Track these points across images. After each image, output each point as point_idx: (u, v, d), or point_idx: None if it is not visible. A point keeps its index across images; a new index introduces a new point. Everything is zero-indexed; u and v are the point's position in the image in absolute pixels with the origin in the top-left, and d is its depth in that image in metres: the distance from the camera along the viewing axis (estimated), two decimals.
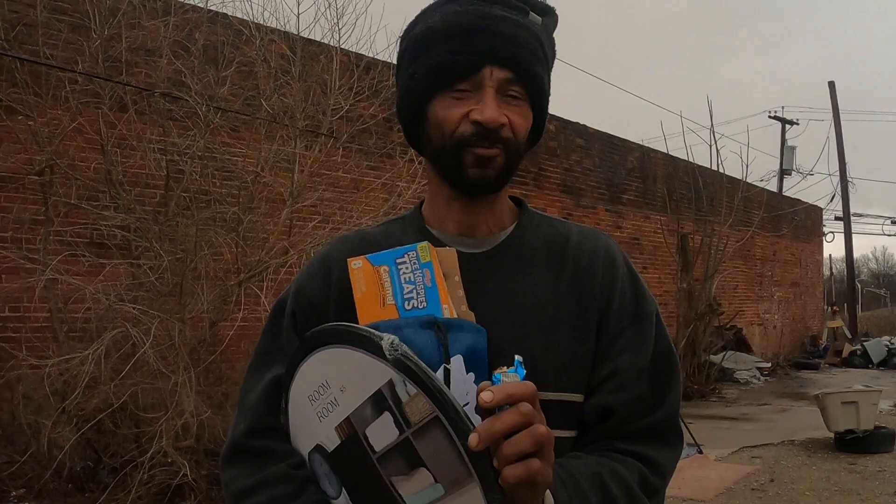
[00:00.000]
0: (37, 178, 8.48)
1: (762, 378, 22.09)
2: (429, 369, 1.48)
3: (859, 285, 46.50)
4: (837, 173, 35.68)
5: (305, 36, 9.82)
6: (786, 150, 39.78)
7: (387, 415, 1.51)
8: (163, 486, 7.44)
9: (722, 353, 20.71)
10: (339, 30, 9.81)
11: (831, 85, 35.54)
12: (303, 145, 9.09)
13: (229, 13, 9.74)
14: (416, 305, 1.73)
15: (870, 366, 26.32)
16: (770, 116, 40.05)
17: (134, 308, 7.64)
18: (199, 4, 9.36)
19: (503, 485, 1.43)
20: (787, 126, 40.34)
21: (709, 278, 19.81)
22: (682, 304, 19.80)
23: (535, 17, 1.86)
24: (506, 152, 1.80)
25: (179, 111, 8.69)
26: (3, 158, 8.40)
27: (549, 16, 1.92)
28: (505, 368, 1.47)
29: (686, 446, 11.44)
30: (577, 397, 1.84)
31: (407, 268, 1.76)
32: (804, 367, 26.06)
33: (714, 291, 20.43)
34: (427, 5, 1.92)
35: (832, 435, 12.28)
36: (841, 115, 35.18)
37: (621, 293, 1.91)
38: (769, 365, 23.73)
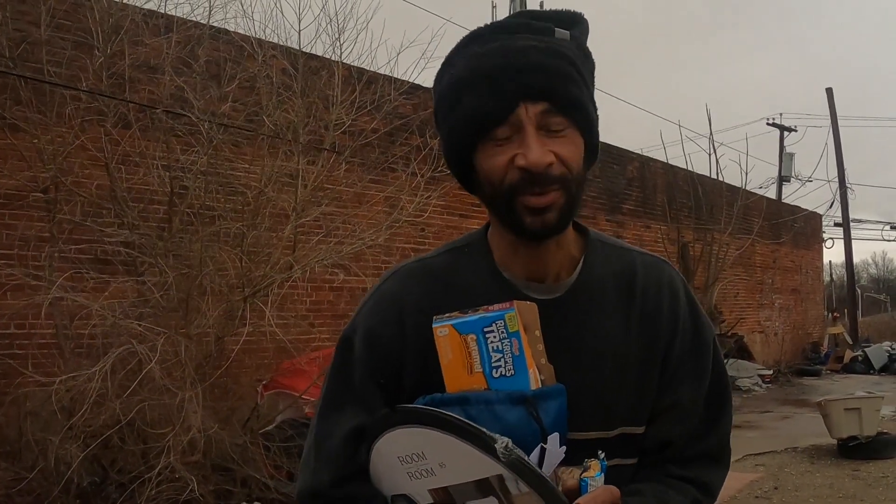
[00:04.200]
0: (41, 195, 8.51)
1: (764, 385, 22.08)
2: (543, 475, 1.58)
3: (859, 291, 46.44)
4: (836, 179, 35.70)
5: (307, 51, 9.84)
6: (784, 157, 39.78)
7: (492, 499, 1.61)
8: (170, 502, 7.44)
9: (723, 361, 20.69)
10: (340, 45, 9.85)
11: (829, 91, 35.56)
12: (305, 160, 9.11)
13: (231, 29, 9.77)
14: (503, 373, 1.71)
15: (871, 371, 26.28)
16: (768, 123, 40.08)
17: (139, 325, 7.65)
18: (201, 21, 9.39)
19: None
20: (786, 133, 40.34)
21: (709, 286, 19.83)
22: None
23: (563, 33, 1.80)
24: (563, 189, 1.75)
25: (182, 127, 8.70)
26: (7, 176, 8.43)
27: (578, 25, 1.85)
28: (592, 469, 1.63)
29: None
30: (639, 430, 1.89)
31: (495, 336, 1.72)
32: (806, 374, 26.03)
33: (715, 299, 20.46)
34: (450, 51, 1.87)
35: (835, 441, 12.28)
36: (839, 122, 35.22)
37: (683, 328, 1.94)
38: (771, 372, 23.72)
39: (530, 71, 1.72)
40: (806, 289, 31.57)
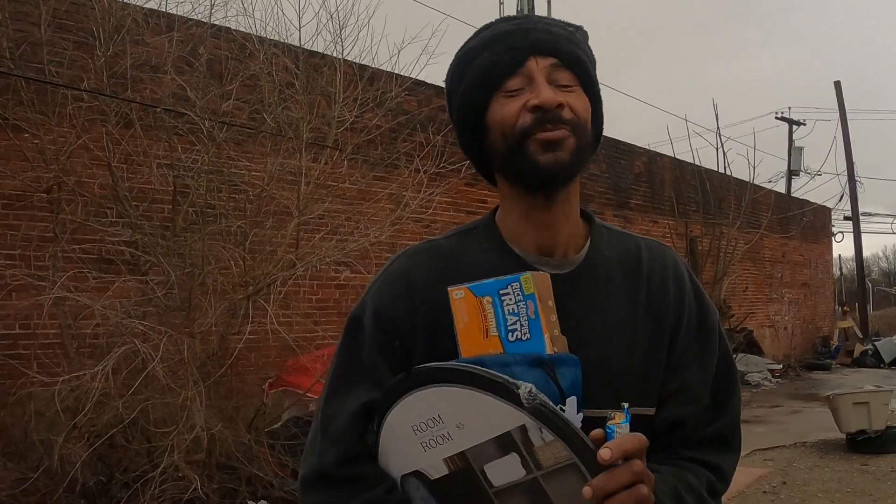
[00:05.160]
0: (44, 195, 8.51)
1: (774, 380, 22.05)
2: (568, 419, 1.58)
3: (870, 284, 46.39)
4: (845, 173, 35.63)
5: (308, 48, 9.83)
6: (793, 151, 39.72)
7: (514, 455, 1.60)
8: (174, 501, 7.44)
9: (733, 356, 20.62)
10: (341, 41, 9.83)
11: (837, 85, 35.45)
12: (308, 157, 9.09)
13: (232, 27, 9.76)
14: (519, 337, 1.73)
15: (881, 365, 26.22)
16: (777, 117, 39.99)
17: (142, 324, 7.66)
18: (202, 20, 9.38)
19: None
20: (794, 127, 40.27)
21: (718, 281, 19.80)
22: None
23: (568, 26, 1.94)
24: (573, 133, 1.82)
25: (184, 126, 8.69)
26: (10, 177, 8.44)
27: (580, 30, 1.98)
28: (617, 417, 1.60)
29: None
30: (650, 411, 1.92)
31: (510, 299, 1.75)
32: (816, 368, 25.98)
33: (724, 294, 20.44)
34: (469, 38, 2.01)
35: (844, 436, 12.26)
36: (847, 115, 35.12)
37: (689, 310, 2.00)
38: (780, 367, 23.69)
39: (540, 32, 1.87)
40: (816, 283, 31.49)
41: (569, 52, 1.86)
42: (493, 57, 1.86)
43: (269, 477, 8.08)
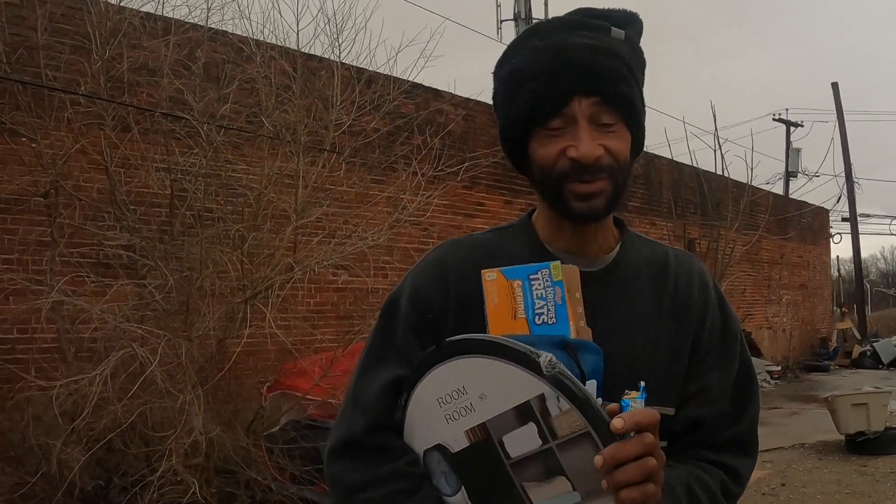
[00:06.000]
0: (41, 199, 8.50)
1: (772, 381, 22.07)
2: (583, 387, 1.65)
3: (868, 286, 46.50)
4: (843, 174, 35.62)
5: (306, 52, 9.84)
6: (791, 153, 39.72)
7: (531, 425, 1.66)
8: None
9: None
10: (339, 45, 9.83)
11: (835, 86, 35.47)
12: (306, 161, 9.09)
13: (229, 31, 9.76)
14: (545, 321, 1.83)
15: (880, 366, 26.26)
16: (774, 119, 39.98)
17: (140, 328, 7.65)
18: (199, 23, 9.38)
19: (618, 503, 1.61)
20: (792, 128, 40.27)
21: (716, 283, 19.78)
22: None
23: (618, 33, 1.92)
24: (611, 179, 1.88)
25: (182, 130, 8.69)
26: (7, 181, 8.43)
27: (632, 25, 1.97)
28: (633, 394, 1.66)
29: None
30: (670, 410, 1.97)
31: (539, 284, 1.85)
32: (814, 370, 26.02)
33: None
34: (512, 41, 2.04)
35: (843, 437, 12.27)
36: (845, 116, 35.13)
37: (712, 317, 2.07)
38: (779, 368, 23.72)
39: (585, 68, 1.85)
40: (814, 284, 31.50)
41: (614, 91, 1.87)
42: (536, 94, 1.88)
43: (268, 481, 8.07)
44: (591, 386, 1.71)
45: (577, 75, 1.85)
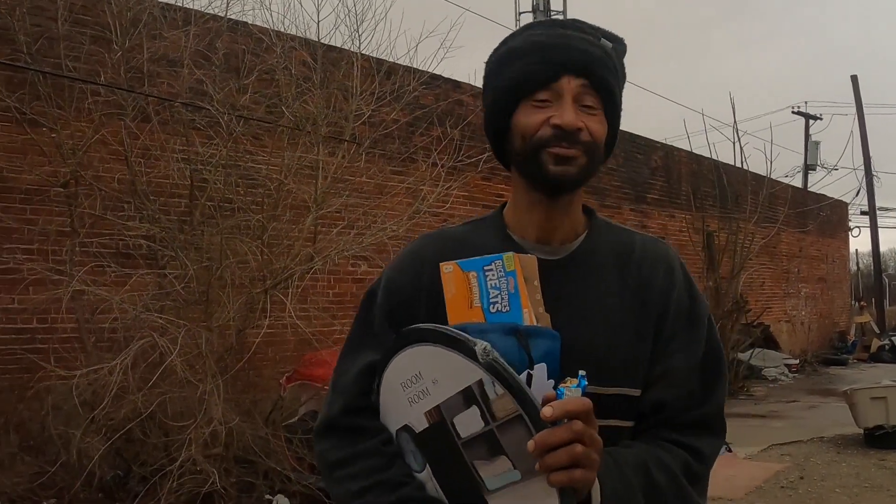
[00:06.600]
0: (62, 190, 8.52)
1: (790, 375, 22.00)
2: (514, 373, 1.73)
3: (886, 279, 46.27)
4: (862, 168, 35.48)
5: (326, 42, 9.84)
6: (810, 146, 39.57)
7: (474, 408, 1.76)
8: (192, 495, 7.44)
9: (750, 351, 20.61)
10: (359, 36, 9.83)
11: (854, 79, 35.33)
12: (326, 152, 9.09)
13: (249, 22, 9.77)
14: (500, 309, 1.93)
15: None
16: (793, 112, 39.85)
17: (160, 317, 7.67)
18: (219, 14, 9.39)
19: (549, 484, 1.70)
20: (811, 121, 40.12)
21: (735, 276, 19.73)
22: (709, 301, 19.55)
23: (606, 43, 2.07)
24: (586, 153, 2.00)
25: (202, 120, 8.70)
26: (28, 171, 8.45)
27: (619, 43, 2.12)
28: (569, 383, 1.74)
29: None
30: (636, 392, 2.05)
31: (493, 275, 1.95)
32: (832, 363, 25.95)
33: (741, 289, 20.37)
34: (510, 34, 2.19)
35: (861, 431, 12.22)
36: (864, 109, 34.98)
37: (678, 299, 2.14)
38: (797, 361, 23.62)
39: (578, 51, 2.01)
40: (832, 278, 31.43)
41: (600, 76, 2.02)
42: (528, 67, 2.01)
43: (287, 471, 8.08)
44: (539, 369, 1.80)
45: (569, 55, 1.99)
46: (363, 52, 9.85)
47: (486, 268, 1.96)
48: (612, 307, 2.07)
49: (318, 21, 9.64)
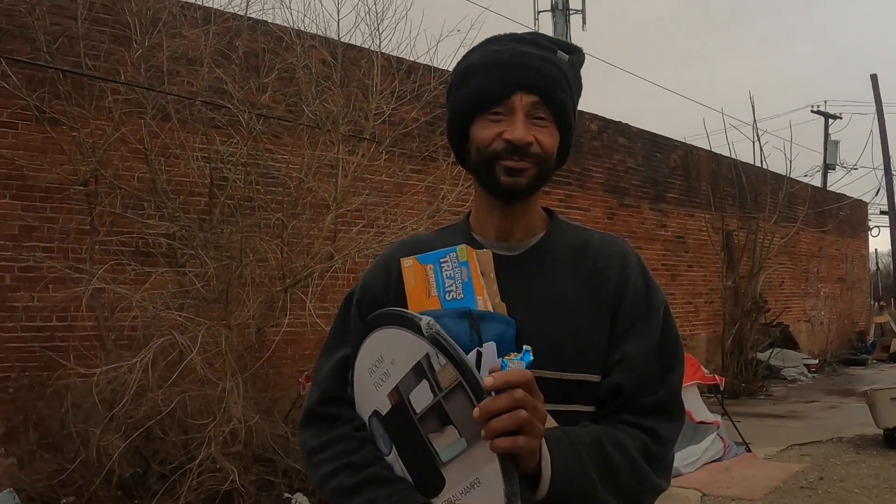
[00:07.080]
0: (82, 188, 8.54)
1: (810, 375, 21.91)
2: (454, 343, 1.84)
3: None
4: (882, 167, 35.38)
5: (346, 41, 9.84)
6: (829, 145, 39.47)
7: (425, 382, 1.88)
8: (211, 493, 7.46)
9: (769, 351, 20.55)
10: (379, 34, 9.85)
11: (874, 78, 35.21)
12: (346, 150, 9.11)
13: (269, 20, 9.78)
14: (455, 297, 2.08)
15: None
16: (812, 111, 39.77)
17: (180, 315, 7.68)
18: (239, 12, 9.39)
19: (492, 450, 1.78)
20: (830, 120, 40.02)
21: (754, 275, 19.72)
22: (728, 301, 19.73)
23: (563, 55, 2.24)
24: (536, 165, 2.15)
25: (222, 119, 8.72)
26: (48, 170, 8.47)
27: (576, 54, 2.29)
28: (513, 356, 1.87)
29: (734, 445, 11.40)
30: (595, 378, 2.17)
31: (448, 266, 2.12)
32: (851, 364, 25.87)
33: (760, 288, 20.34)
34: (473, 47, 2.33)
35: (881, 431, 12.16)
36: (884, 108, 34.85)
37: (633, 289, 2.25)
38: (816, 362, 23.54)
39: (531, 70, 2.16)
40: (852, 277, 31.30)
41: (550, 92, 2.16)
42: (484, 85, 2.16)
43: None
44: (489, 347, 1.90)
45: (522, 74, 2.14)
46: (383, 50, 9.88)
47: (441, 260, 2.13)
48: (565, 298, 2.20)
49: (339, 19, 9.69)
